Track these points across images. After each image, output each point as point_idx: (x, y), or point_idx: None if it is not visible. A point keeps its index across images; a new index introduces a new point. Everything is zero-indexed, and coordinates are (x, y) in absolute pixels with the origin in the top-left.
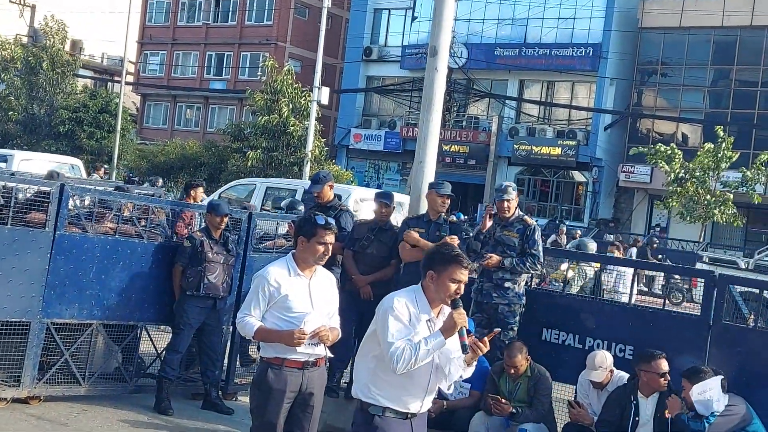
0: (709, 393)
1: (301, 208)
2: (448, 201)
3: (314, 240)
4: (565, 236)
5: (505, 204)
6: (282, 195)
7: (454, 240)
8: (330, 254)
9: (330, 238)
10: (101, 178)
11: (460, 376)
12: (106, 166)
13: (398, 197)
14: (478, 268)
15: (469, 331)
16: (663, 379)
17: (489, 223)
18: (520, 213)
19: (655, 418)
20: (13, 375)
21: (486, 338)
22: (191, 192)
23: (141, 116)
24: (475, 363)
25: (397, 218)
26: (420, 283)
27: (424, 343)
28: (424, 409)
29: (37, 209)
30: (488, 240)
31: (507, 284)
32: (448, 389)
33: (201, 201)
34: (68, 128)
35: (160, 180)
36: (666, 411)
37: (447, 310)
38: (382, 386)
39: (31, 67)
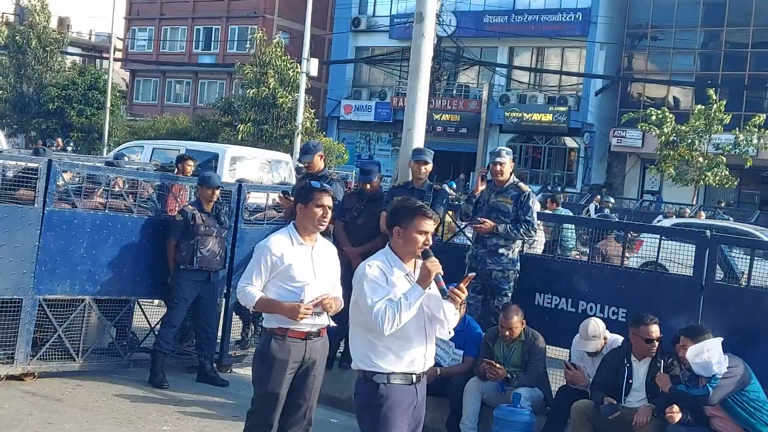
0: (707, 354)
1: (127, 159)
2: (426, 167)
3: (311, 204)
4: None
5: (498, 167)
6: (169, 156)
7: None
8: (329, 217)
9: (327, 200)
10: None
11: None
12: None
13: (277, 155)
14: (472, 233)
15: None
16: (650, 345)
17: (482, 187)
18: (515, 179)
19: (647, 382)
20: (7, 352)
21: (462, 284)
22: (180, 165)
23: (130, 92)
24: (462, 310)
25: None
26: (388, 244)
27: (404, 298)
28: (428, 363)
29: (25, 186)
30: (482, 206)
31: (501, 250)
32: (449, 335)
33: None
34: (57, 106)
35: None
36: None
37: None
38: (381, 352)
39: (18, 45)
